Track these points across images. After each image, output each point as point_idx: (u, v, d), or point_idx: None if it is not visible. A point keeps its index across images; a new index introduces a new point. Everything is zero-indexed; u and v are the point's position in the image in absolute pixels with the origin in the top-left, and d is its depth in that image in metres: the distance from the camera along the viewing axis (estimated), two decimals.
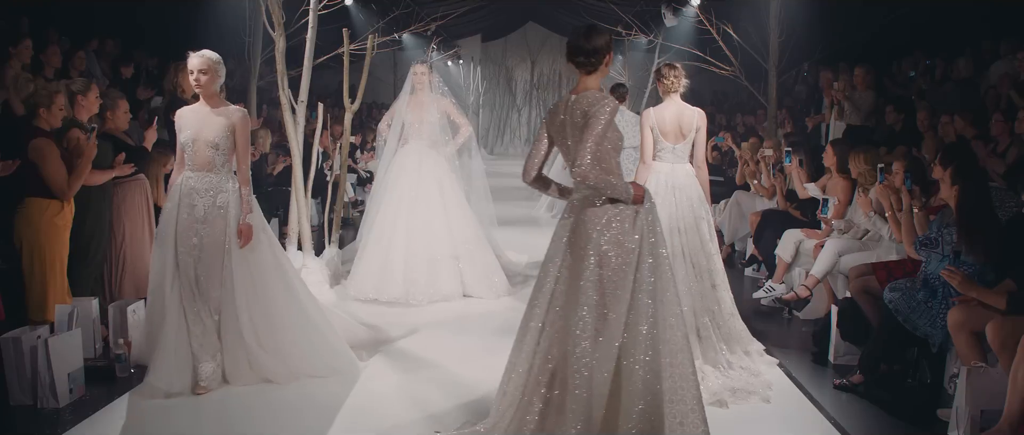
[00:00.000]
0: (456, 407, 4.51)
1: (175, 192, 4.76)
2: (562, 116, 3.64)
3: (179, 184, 4.77)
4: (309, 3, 7.22)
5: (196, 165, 4.74)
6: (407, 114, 7.14)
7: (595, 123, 3.48)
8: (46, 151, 4.97)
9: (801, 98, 13.17)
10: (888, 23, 11.08)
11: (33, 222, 4.98)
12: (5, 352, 4.46)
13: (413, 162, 7.06)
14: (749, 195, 8.61)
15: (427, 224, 6.90)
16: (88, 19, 10.57)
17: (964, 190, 4.61)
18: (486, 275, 7.06)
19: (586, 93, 3.60)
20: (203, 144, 4.72)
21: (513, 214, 12.36)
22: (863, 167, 6.16)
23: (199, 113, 4.77)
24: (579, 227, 3.61)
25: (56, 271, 5.03)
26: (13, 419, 4.34)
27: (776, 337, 6.03)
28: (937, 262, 4.70)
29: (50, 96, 5.10)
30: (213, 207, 4.71)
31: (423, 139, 7.11)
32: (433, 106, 7.13)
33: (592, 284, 3.52)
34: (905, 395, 4.88)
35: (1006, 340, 3.98)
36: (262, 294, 4.80)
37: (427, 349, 5.59)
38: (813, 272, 6.23)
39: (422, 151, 7.11)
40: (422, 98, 7.12)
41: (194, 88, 4.77)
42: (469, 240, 7.07)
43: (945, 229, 4.75)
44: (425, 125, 7.11)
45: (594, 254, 3.53)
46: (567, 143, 3.64)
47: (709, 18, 9.95)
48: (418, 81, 7.12)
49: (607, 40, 3.62)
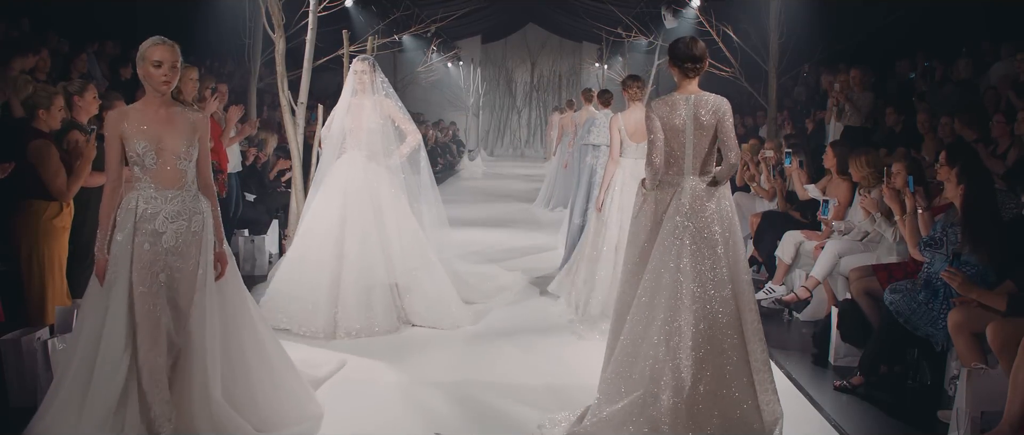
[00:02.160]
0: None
1: (127, 219, 3.79)
2: (681, 113, 3.99)
3: (133, 208, 3.80)
4: (309, 5, 7.22)
5: (161, 182, 3.82)
6: (346, 119, 6.12)
7: (727, 120, 4.00)
8: (45, 153, 4.97)
9: (801, 99, 13.17)
10: (887, 24, 11.09)
11: (32, 224, 4.98)
12: (5, 354, 4.45)
13: (347, 176, 6.02)
14: (749, 197, 8.60)
15: (361, 248, 5.86)
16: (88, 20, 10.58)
17: (970, 188, 4.61)
18: (440, 303, 6.11)
19: (705, 95, 4.03)
20: (170, 155, 3.82)
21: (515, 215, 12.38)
22: (866, 170, 6.14)
23: (159, 115, 3.84)
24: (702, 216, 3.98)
25: (55, 273, 5.03)
26: (13, 420, 4.33)
27: (776, 339, 6.03)
28: (941, 262, 4.70)
29: (49, 97, 5.10)
30: (187, 233, 3.84)
31: (362, 149, 6.08)
32: (375, 110, 6.11)
33: (726, 264, 3.96)
34: (905, 397, 4.87)
35: (1006, 341, 3.98)
36: (233, 335, 4.05)
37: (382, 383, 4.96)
38: (813, 273, 6.23)
39: (359, 163, 6.06)
40: (363, 101, 6.12)
41: (159, 85, 3.80)
42: (416, 267, 6.08)
43: (950, 228, 4.75)
44: (366, 133, 6.07)
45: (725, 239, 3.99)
46: (682, 138, 4.00)
47: (709, 19, 9.96)
48: (359, 81, 6.12)
49: (706, 48, 4.07)
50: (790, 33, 9.93)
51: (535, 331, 6.12)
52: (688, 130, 3.99)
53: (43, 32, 9.13)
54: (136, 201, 3.83)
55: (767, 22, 10.03)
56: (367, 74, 6.12)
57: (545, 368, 5.26)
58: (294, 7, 7.54)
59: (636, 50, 18.69)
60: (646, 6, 14.66)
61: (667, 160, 4.02)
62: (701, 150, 4.01)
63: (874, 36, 11.44)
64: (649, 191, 4.07)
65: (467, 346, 5.70)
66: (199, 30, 11.58)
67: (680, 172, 4.03)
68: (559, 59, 25.71)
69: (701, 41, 4.08)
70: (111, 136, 3.82)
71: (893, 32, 11.35)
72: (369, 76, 6.12)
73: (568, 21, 21.16)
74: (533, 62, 25.94)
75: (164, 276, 3.80)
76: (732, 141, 4.01)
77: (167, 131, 3.83)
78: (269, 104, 12.54)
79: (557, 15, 21.56)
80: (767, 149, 8.22)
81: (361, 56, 6.22)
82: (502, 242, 9.96)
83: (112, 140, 3.82)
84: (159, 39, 3.82)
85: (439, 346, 5.68)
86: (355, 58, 6.25)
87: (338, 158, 6.11)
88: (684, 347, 3.82)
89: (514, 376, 5.10)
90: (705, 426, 3.77)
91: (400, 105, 6.30)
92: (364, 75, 6.11)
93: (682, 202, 3.98)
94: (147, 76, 3.79)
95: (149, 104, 3.87)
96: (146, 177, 3.84)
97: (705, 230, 3.94)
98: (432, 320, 6.04)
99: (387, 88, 6.24)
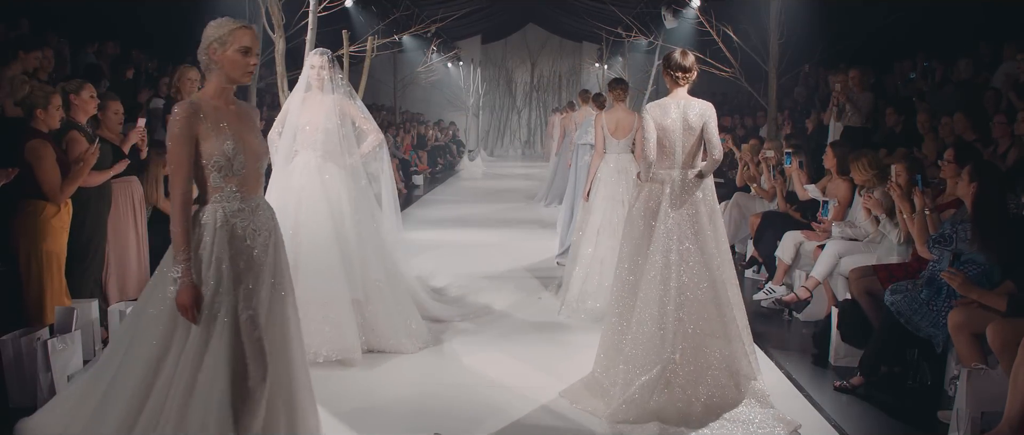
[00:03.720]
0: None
1: (214, 236, 3.25)
2: (673, 115, 4.54)
3: (220, 223, 3.26)
4: (309, 5, 7.22)
5: (246, 188, 3.34)
6: (300, 117, 5.54)
7: (712, 122, 4.58)
8: (42, 152, 4.95)
9: (801, 100, 13.17)
10: (888, 24, 11.09)
11: (29, 224, 4.96)
12: (4, 354, 4.45)
13: (302, 180, 5.47)
14: (749, 197, 8.61)
15: (318, 259, 5.29)
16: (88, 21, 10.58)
17: (982, 186, 4.61)
18: (404, 321, 5.59)
19: (693, 100, 4.60)
20: (252, 156, 3.36)
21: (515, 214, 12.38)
22: (868, 172, 6.12)
23: (230, 111, 3.35)
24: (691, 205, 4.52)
25: (53, 273, 5.02)
26: (12, 421, 4.33)
27: (776, 339, 6.04)
28: (948, 259, 4.69)
29: (46, 97, 5.07)
30: (271, 246, 3.41)
31: (317, 150, 5.53)
32: (332, 108, 5.57)
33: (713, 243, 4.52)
34: (905, 397, 4.87)
35: (1007, 342, 3.98)
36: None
37: None
38: (813, 274, 6.23)
39: (315, 165, 5.51)
40: (319, 98, 5.61)
41: (244, 75, 3.35)
42: (380, 279, 5.56)
43: (960, 225, 4.74)
44: (321, 132, 5.53)
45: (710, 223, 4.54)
46: (673, 137, 4.54)
47: (709, 20, 9.96)
48: (316, 77, 5.60)
49: (695, 60, 4.62)
50: (790, 33, 9.93)
51: (534, 329, 6.13)
52: (678, 130, 4.55)
53: (42, 32, 9.13)
54: (220, 213, 3.26)
55: (767, 22, 10.03)
56: (324, 69, 5.59)
57: (544, 366, 5.26)
58: (294, 7, 7.54)
59: (636, 50, 18.70)
60: (646, 6, 14.67)
61: (659, 156, 4.57)
62: (689, 147, 4.57)
63: (874, 36, 11.44)
64: (644, 183, 4.63)
65: (466, 345, 5.70)
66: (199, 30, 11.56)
67: (671, 166, 4.57)
68: (559, 59, 25.73)
69: (691, 54, 4.61)
70: (184, 136, 3.18)
71: (893, 32, 11.35)
72: (327, 72, 5.60)
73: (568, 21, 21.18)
74: (533, 62, 25.96)
75: (265, 294, 3.30)
76: (716, 140, 4.58)
77: (246, 128, 3.34)
78: (269, 104, 12.54)
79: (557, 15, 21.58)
80: (767, 149, 8.23)
81: (318, 49, 5.68)
82: (502, 242, 9.96)
83: (185, 141, 3.19)
84: (241, 21, 3.33)
85: (438, 345, 5.68)
86: (311, 51, 5.74)
87: (291, 161, 5.52)
88: (688, 312, 4.43)
89: (514, 374, 5.10)
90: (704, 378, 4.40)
91: (360, 103, 5.87)
92: (323, 71, 5.59)
93: (674, 191, 4.54)
94: (231, 63, 3.28)
95: (221, 97, 3.33)
96: (230, 185, 3.28)
97: (695, 215, 4.53)
98: (394, 342, 5.46)
99: (346, 85, 5.77)
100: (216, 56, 3.27)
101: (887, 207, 5.86)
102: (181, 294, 3.13)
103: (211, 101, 3.29)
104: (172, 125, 3.20)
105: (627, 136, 6.94)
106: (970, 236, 4.63)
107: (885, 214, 5.87)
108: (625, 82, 7.34)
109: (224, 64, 3.27)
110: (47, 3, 9.99)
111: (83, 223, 5.32)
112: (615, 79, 7.33)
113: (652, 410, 4.27)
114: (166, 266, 3.27)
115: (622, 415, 4.28)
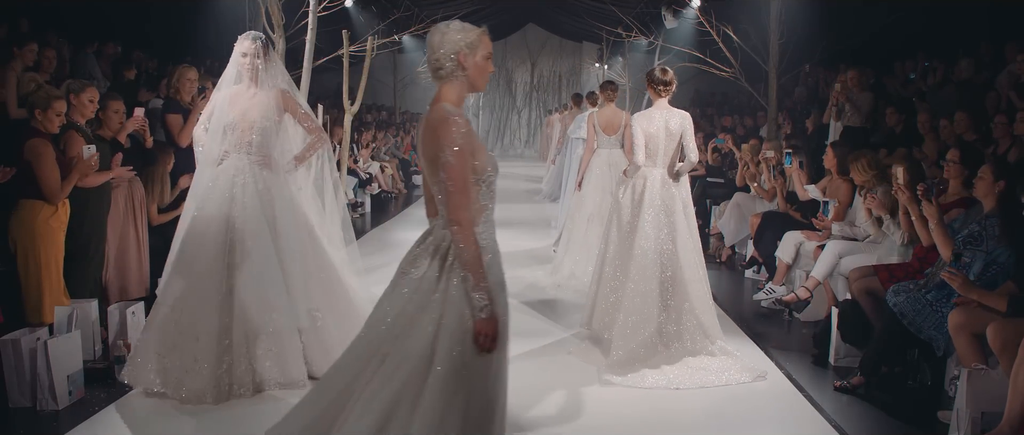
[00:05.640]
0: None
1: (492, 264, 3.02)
2: (656, 122, 5.38)
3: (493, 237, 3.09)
4: (309, 5, 7.22)
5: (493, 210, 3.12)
6: (228, 113, 4.73)
7: (689, 129, 5.41)
8: (41, 152, 4.94)
9: (801, 100, 13.16)
10: (888, 24, 11.08)
11: (27, 224, 4.95)
12: (4, 354, 4.45)
13: (234, 190, 4.67)
14: (749, 197, 8.61)
15: (257, 284, 4.58)
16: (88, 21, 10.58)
17: (1009, 184, 4.62)
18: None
19: (674, 110, 5.44)
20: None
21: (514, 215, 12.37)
22: (868, 172, 6.10)
23: None
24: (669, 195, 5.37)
25: (52, 273, 5.01)
26: (12, 421, 4.33)
27: (776, 339, 6.03)
28: (981, 260, 4.63)
29: (48, 99, 5.05)
30: None
31: (251, 152, 4.73)
32: (269, 104, 4.76)
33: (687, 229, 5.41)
34: (906, 397, 4.87)
35: (1007, 342, 3.98)
36: None
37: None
38: (813, 274, 6.23)
39: (248, 170, 4.71)
40: (252, 91, 4.77)
41: (483, 83, 3.05)
42: (327, 302, 4.83)
43: (987, 220, 4.67)
44: (257, 132, 4.72)
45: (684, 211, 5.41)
46: (656, 141, 5.38)
47: (709, 20, 9.95)
48: (247, 66, 4.73)
49: (674, 76, 5.46)
50: (790, 33, 9.92)
51: (533, 327, 6.11)
52: (661, 136, 5.39)
53: (43, 32, 9.12)
54: (491, 234, 3.03)
55: (767, 22, 10.02)
56: (258, 57, 4.72)
57: (543, 364, 5.25)
58: (294, 7, 7.54)
59: (636, 50, 18.67)
60: (646, 6, 14.66)
61: (645, 156, 5.43)
62: (669, 150, 5.42)
63: (874, 36, 11.43)
64: (630, 178, 5.49)
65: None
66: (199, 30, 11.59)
67: (654, 165, 5.43)
68: (559, 59, 25.72)
69: (670, 70, 5.46)
70: (469, 148, 2.87)
71: (893, 32, 11.35)
72: (261, 60, 4.74)
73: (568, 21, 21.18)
74: (533, 62, 25.93)
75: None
76: (692, 145, 5.41)
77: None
78: None
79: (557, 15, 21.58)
80: (767, 149, 8.23)
81: (249, 33, 4.81)
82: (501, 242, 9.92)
83: (470, 154, 2.88)
84: (481, 29, 3.03)
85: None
86: (242, 36, 4.81)
87: (219, 163, 4.75)
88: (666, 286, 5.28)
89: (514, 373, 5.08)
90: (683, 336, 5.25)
91: (300, 99, 5.00)
92: (256, 59, 4.72)
93: (655, 186, 5.37)
94: (478, 70, 3.00)
95: (461, 107, 2.98)
96: (491, 205, 3.02)
97: (673, 206, 5.37)
98: None
99: (284, 76, 4.90)
100: (467, 62, 2.96)
101: (889, 207, 5.84)
102: (487, 324, 2.82)
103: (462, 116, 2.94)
104: (458, 137, 2.84)
105: (616, 133, 7.67)
106: (998, 233, 4.61)
107: (888, 214, 5.86)
108: (616, 84, 8.08)
109: (471, 70, 2.98)
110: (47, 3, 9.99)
111: (83, 223, 5.32)
112: (607, 81, 8.06)
113: (644, 360, 5.10)
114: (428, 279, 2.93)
115: (619, 367, 5.04)
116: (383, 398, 2.83)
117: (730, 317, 6.48)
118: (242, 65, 4.75)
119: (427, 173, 2.99)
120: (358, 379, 2.93)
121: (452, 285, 2.87)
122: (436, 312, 2.86)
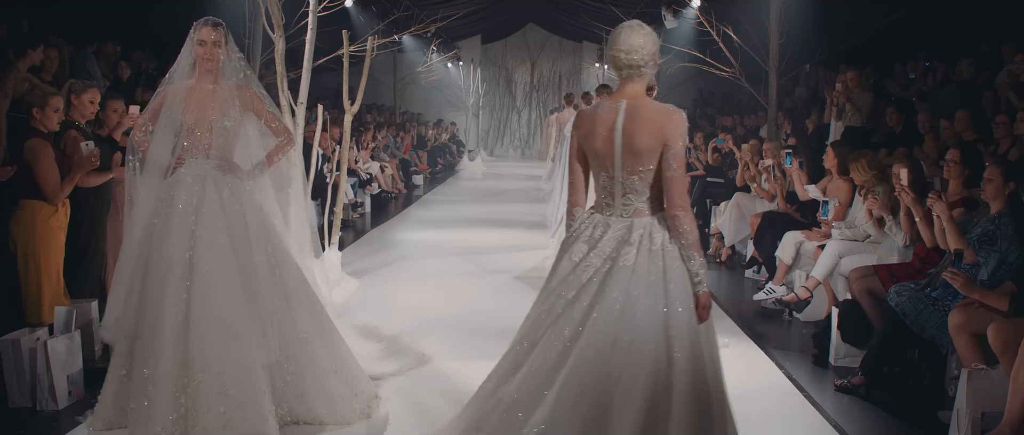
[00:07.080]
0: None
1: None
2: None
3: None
4: (309, 5, 7.21)
5: None
6: (185, 113, 4.11)
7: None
8: (40, 152, 4.93)
9: (801, 100, 13.17)
10: (888, 24, 11.08)
11: (27, 224, 4.95)
12: (4, 354, 4.45)
13: (194, 200, 4.02)
14: (750, 197, 8.61)
15: (216, 311, 3.87)
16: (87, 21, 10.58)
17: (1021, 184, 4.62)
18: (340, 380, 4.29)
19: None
20: None
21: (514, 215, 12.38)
22: (868, 173, 6.09)
23: None
24: None
25: (51, 273, 5.01)
26: (12, 421, 4.34)
27: (776, 339, 6.04)
28: (995, 259, 4.62)
29: (44, 97, 5.04)
30: None
31: (210, 155, 4.12)
32: (231, 101, 4.16)
33: None
34: (906, 397, 4.87)
35: (1007, 342, 3.98)
36: None
37: None
38: (813, 274, 6.23)
39: (209, 177, 4.08)
40: (210, 87, 4.15)
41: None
42: (306, 329, 4.20)
43: (1001, 219, 4.65)
44: (217, 133, 4.13)
45: None
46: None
47: (709, 20, 9.94)
48: (206, 56, 4.10)
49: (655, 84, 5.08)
50: (790, 33, 9.92)
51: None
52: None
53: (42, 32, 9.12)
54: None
55: (767, 22, 10.02)
56: (219, 46, 4.12)
57: None
58: (294, 7, 7.53)
59: None
60: (646, 6, 14.65)
61: None
62: None
63: (875, 36, 11.44)
64: None
65: (464, 345, 5.69)
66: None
67: None
68: (559, 59, 25.70)
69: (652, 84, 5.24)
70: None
71: (893, 33, 11.35)
72: (222, 50, 4.13)
73: (568, 21, 21.17)
74: (533, 62, 25.91)
75: None
76: None
77: None
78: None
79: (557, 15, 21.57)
80: (765, 158, 8.24)
81: (208, 19, 4.15)
82: (501, 242, 9.96)
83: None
84: None
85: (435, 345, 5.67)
86: (199, 21, 4.15)
87: (174, 170, 4.10)
88: None
89: None
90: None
91: (264, 94, 4.34)
92: (218, 48, 4.11)
93: None
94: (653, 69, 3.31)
95: None
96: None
97: None
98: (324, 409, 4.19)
99: (246, 71, 4.27)
100: (656, 60, 3.32)
101: (890, 207, 5.84)
102: (707, 296, 3.22)
103: None
104: (685, 131, 3.19)
105: None
106: (1012, 233, 4.60)
107: (889, 214, 5.85)
108: (609, 87, 8.00)
109: (650, 71, 3.31)
110: (47, 3, 9.99)
111: (83, 223, 5.31)
112: (602, 85, 8.38)
113: None
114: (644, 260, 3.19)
115: None
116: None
117: (730, 317, 6.48)
118: (200, 54, 4.10)
119: (627, 163, 3.18)
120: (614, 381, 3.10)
121: (671, 269, 3.15)
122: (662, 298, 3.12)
